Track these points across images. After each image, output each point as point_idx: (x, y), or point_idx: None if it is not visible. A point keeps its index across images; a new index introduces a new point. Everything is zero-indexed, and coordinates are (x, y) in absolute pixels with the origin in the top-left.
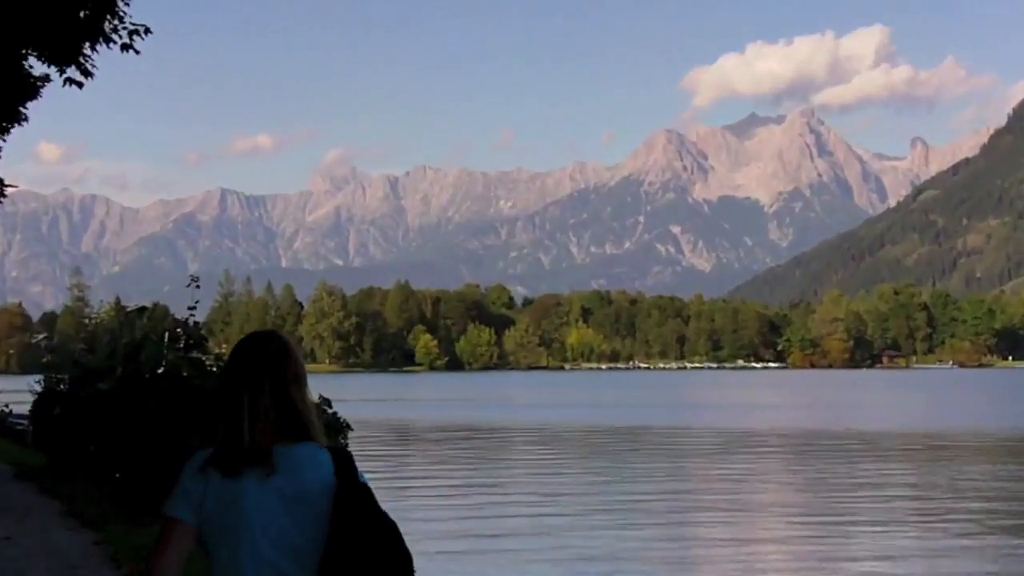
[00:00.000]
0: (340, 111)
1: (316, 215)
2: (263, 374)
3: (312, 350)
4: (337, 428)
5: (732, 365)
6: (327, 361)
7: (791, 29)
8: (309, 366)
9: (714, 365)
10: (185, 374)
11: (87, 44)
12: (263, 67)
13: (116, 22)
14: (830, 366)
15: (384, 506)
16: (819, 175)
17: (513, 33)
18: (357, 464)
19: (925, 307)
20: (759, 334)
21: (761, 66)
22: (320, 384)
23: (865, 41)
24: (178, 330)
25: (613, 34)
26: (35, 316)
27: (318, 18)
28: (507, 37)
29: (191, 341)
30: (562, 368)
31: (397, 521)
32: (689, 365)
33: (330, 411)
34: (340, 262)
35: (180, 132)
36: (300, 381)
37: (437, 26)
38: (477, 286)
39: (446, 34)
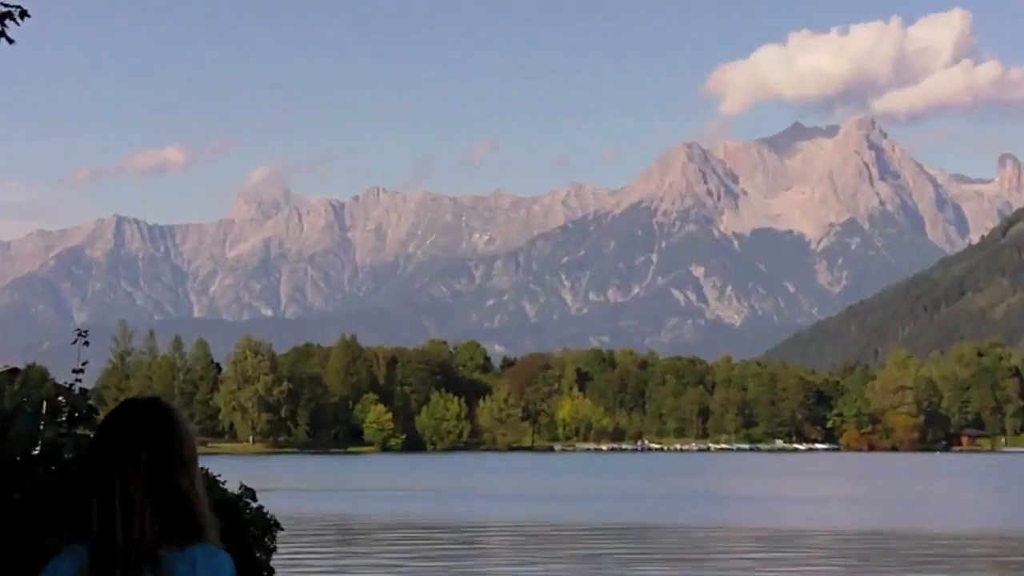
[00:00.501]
0: (270, 119)
1: (239, 251)
2: (139, 454)
3: (232, 425)
4: (263, 526)
5: (769, 447)
6: (251, 439)
7: (846, 15)
8: (229, 445)
9: (746, 446)
10: (68, 456)
11: None
12: (172, 62)
13: None
14: (894, 448)
15: None
16: (881, 202)
17: (490, 24)
18: (276, 572)
19: (1016, 372)
20: (804, 407)
21: (807, 62)
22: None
23: (940, 31)
24: (60, 399)
25: (618, 24)
26: None
27: (243, 6)
28: (482, 29)
29: (77, 413)
30: (551, 449)
31: None
32: (714, 446)
33: (254, 505)
34: (269, 311)
35: (63, 144)
36: (189, 464)
37: (393, 15)
38: (444, 343)
39: (405, 25)
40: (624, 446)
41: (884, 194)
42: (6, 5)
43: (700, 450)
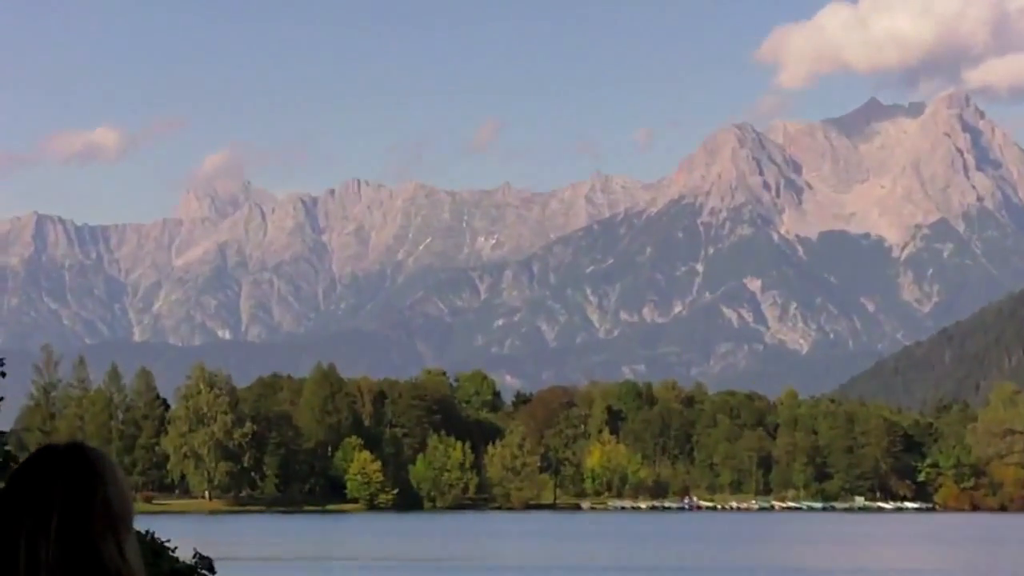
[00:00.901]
0: (225, 93)
1: (188, 258)
2: (51, 514)
3: (183, 476)
4: None
5: (847, 505)
6: (207, 494)
7: None
8: (180, 502)
9: (819, 505)
10: None
11: None
12: (101, 25)
13: None
14: (1003, 508)
15: None
16: (979, 198)
17: None
18: None
19: None
20: (889, 455)
21: (885, 24)
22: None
23: None
24: None
25: None
26: None
27: None
28: None
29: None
30: (578, 508)
31: None
32: (779, 504)
33: None
34: (227, 334)
35: None
36: (117, 526)
37: None
38: (443, 373)
39: None
40: (668, 504)
41: (983, 188)
42: None
43: (762, 509)
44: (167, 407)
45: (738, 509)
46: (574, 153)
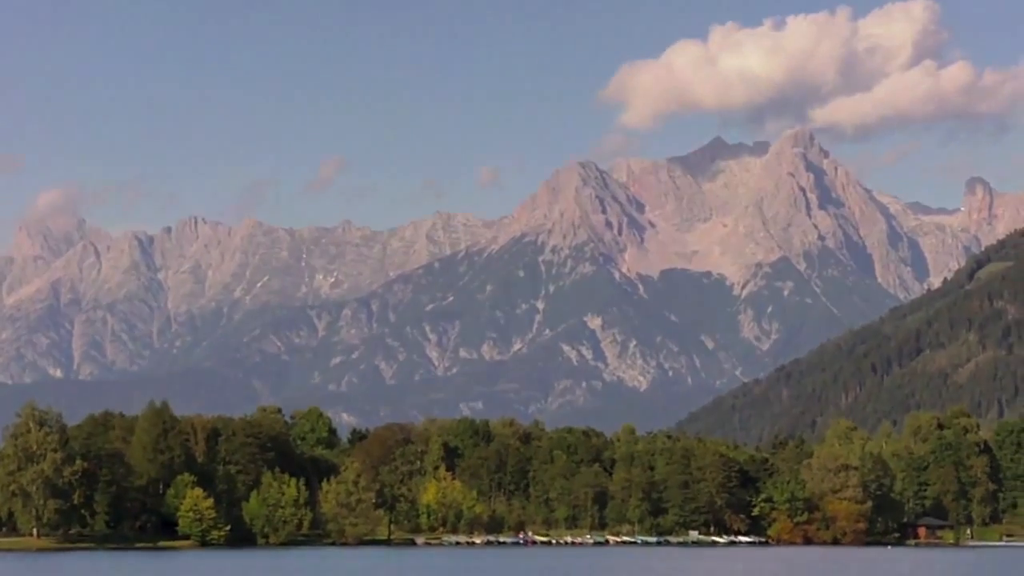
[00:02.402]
0: (59, 130)
1: (20, 296)
2: None
3: (11, 514)
4: None
5: (682, 539)
6: (35, 532)
7: (782, 5)
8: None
9: (653, 539)
10: None
11: None
12: None
13: None
14: (836, 541)
15: None
16: (820, 237)
17: (335, 19)
18: None
19: (986, 448)
20: (725, 490)
21: (732, 62)
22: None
23: (898, 25)
24: None
25: (494, 15)
26: None
27: None
28: (327, 24)
29: None
30: (412, 543)
31: None
32: (614, 539)
33: None
34: (58, 372)
35: None
36: None
37: (219, 5)
38: (278, 411)
39: (224, 19)
40: (503, 539)
41: (824, 227)
42: None
43: (596, 543)
44: None
45: (573, 543)
46: (417, 191)
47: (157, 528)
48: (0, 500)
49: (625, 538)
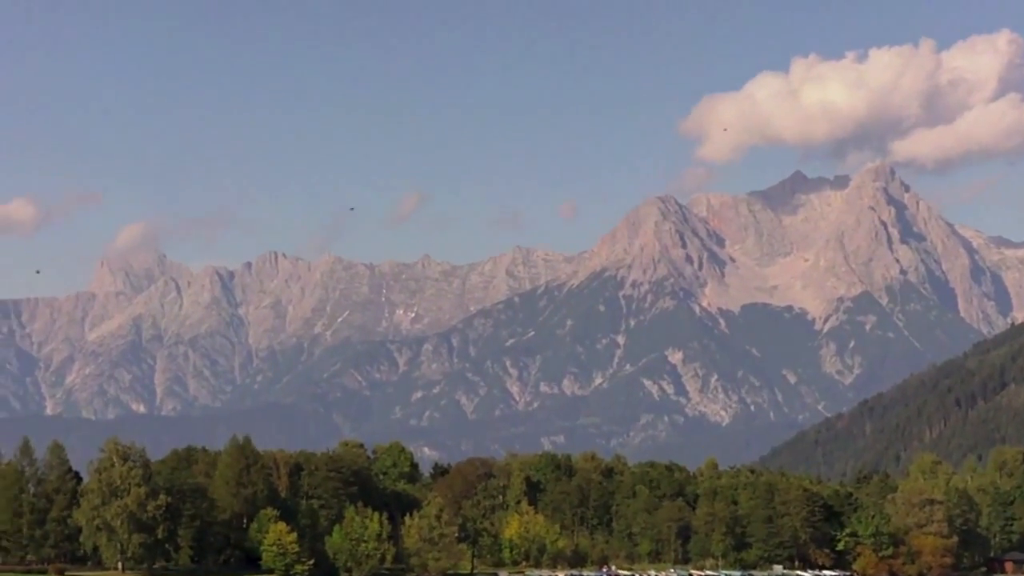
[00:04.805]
0: (141, 167)
1: (102, 332)
2: None
3: (96, 548)
4: None
5: (766, 574)
6: (120, 566)
7: (865, 37)
8: (94, 573)
9: (737, 574)
10: None
11: None
12: (19, 95)
13: None
14: None
15: None
16: (902, 271)
17: (415, 56)
18: None
19: None
20: (809, 524)
21: (814, 96)
22: None
23: (983, 57)
24: None
25: (575, 50)
26: None
27: (106, 31)
28: (406, 60)
29: None
30: None
31: None
32: (697, 573)
33: None
34: (141, 407)
35: None
36: None
37: (295, 39)
38: (360, 446)
39: (301, 55)
40: (586, 573)
41: (906, 261)
42: None
43: None
44: (79, 480)
45: None
46: (496, 226)
47: (241, 562)
48: (85, 534)
49: (709, 572)
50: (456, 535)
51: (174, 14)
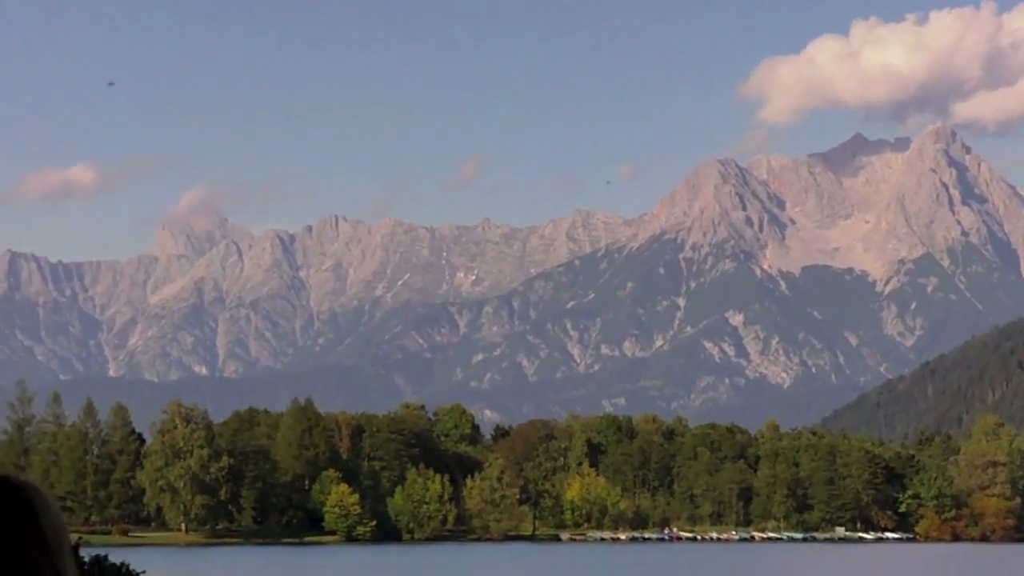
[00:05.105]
0: (201, 131)
1: (164, 294)
2: None
3: (159, 509)
4: None
5: (828, 536)
6: (184, 527)
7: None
8: (156, 534)
9: (799, 535)
10: None
11: None
12: (80, 62)
13: None
14: (984, 538)
15: None
16: (964, 233)
17: (474, 20)
18: None
19: None
20: (871, 486)
21: (874, 58)
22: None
23: None
24: None
25: (632, 12)
26: None
27: None
28: (466, 24)
29: None
30: (557, 539)
31: None
32: (759, 535)
33: None
34: (203, 369)
35: None
36: (52, 553)
37: (357, 5)
38: (421, 408)
39: (371, 20)
40: (647, 535)
41: (968, 223)
42: None
43: (742, 540)
44: (143, 442)
45: (718, 540)
46: (556, 189)
47: (303, 524)
48: (148, 496)
49: (771, 534)
50: (517, 497)
51: None
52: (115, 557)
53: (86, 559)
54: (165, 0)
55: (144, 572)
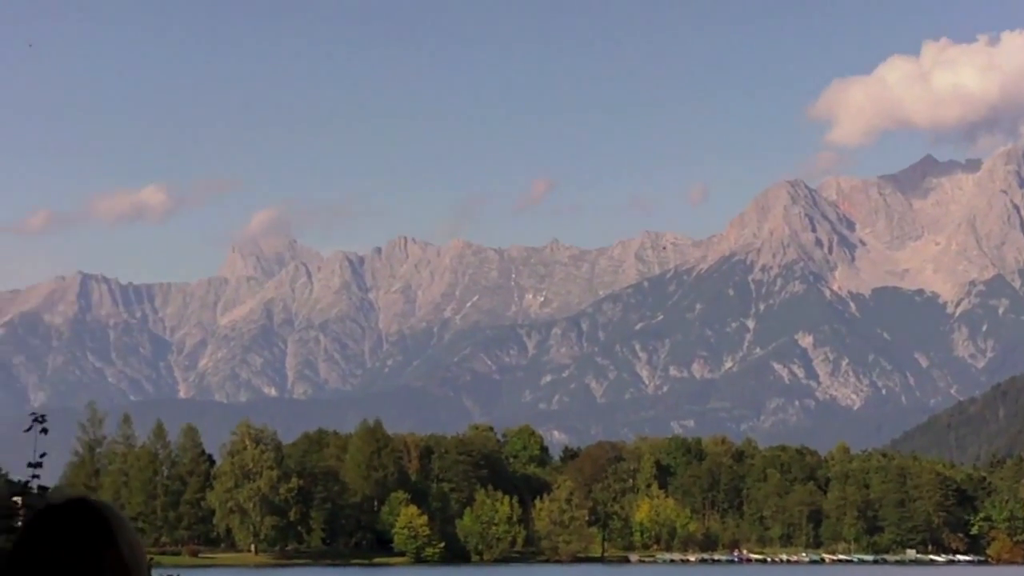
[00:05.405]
0: (272, 153)
1: (233, 316)
2: (68, 573)
3: (229, 531)
4: None
5: (898, 558)
6: (253, 548)
7: (996, 20)
8: (226, 555)
9: (869, 558)
10: None
11: None
12: (150, 84)
13: None
14: None
15: None
16: None
17: (543, 42)
18: None
19: None
20: (942, 508)
21: (945, 79)
22: None
23: None
24: (14, 500)
25: (702, 34)
26: None
27: (238, 18)
28: (535, 47)
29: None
30: (626, 560)
31: None
32: (829, 557)
33: None
34: (272, 391)
35: (13, 182)
36: (131, 573)
37: (428, 32)
38: (490, 429)
39: (439, 42)
40: (717, 557)
41: None
42: None
43: (812, 562)
44: (212, 463)
45: (788, 562)
46: (625, 210)
47: (372, 545)
48: (218, 517)
49: (841, 556)
50: (586, 518)
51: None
52: None
53: None
54: (237, 25)
55: None
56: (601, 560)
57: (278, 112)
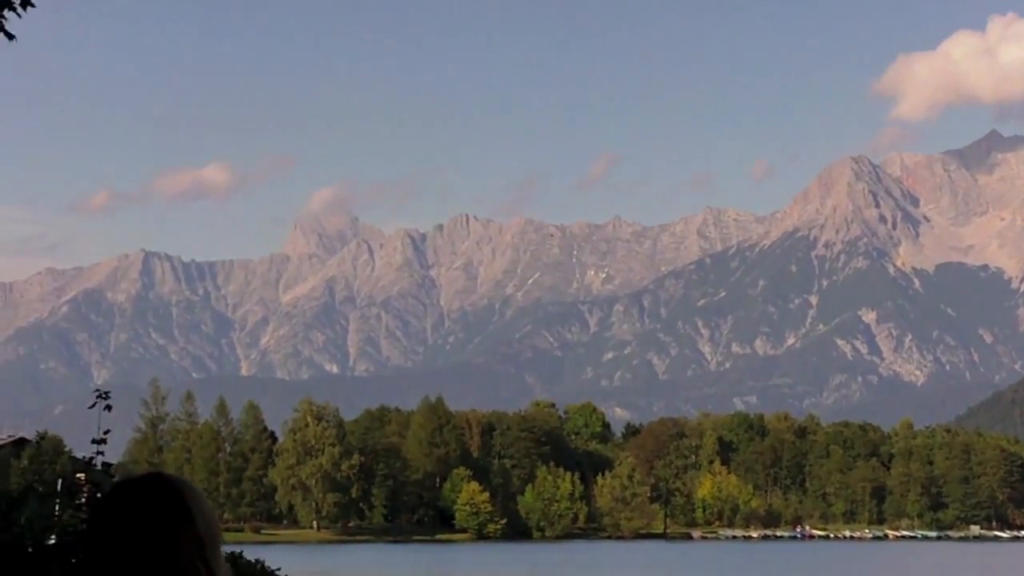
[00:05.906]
0: (333, 130)
1: (295, 293)
2: (137, 547)
3: (291, 507)
4: None
5: (962, 534)
6: (315, 524)
7: None
8: (288, 531)
9: (933, 534)
10: None
11: None
12: (210, 62)
13: None
14: None
15: None
16: None
17: (605, 17)
18: None
19: None
20: (1007, 484)
21: (1011, 54)
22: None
23: None
24: (78, 476)
25: (768, 8)
26: None
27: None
28: (596, 21)
29: (99, 494)
30: (688, 537)
31: None
32: (893, 534)
33: None
34: (334, 368)
35: (76, 162)
36: (205, 549)
37: (488, 3)
38: (552, 406)
39: (499, 20)
40: (780, 533)
41: None
42: None
43: (875, 538)
44: (275, 440)
45: (851, 538)
46: (687, 187)
47: (434, 521)
48: (280, 493)
49: (904, 532)
50: (648, 495)
51: None
52: (249, 554)
53: None
54: (301, 4)
55: (280, 569)
56: (663, 537)
57: (337, 90)
